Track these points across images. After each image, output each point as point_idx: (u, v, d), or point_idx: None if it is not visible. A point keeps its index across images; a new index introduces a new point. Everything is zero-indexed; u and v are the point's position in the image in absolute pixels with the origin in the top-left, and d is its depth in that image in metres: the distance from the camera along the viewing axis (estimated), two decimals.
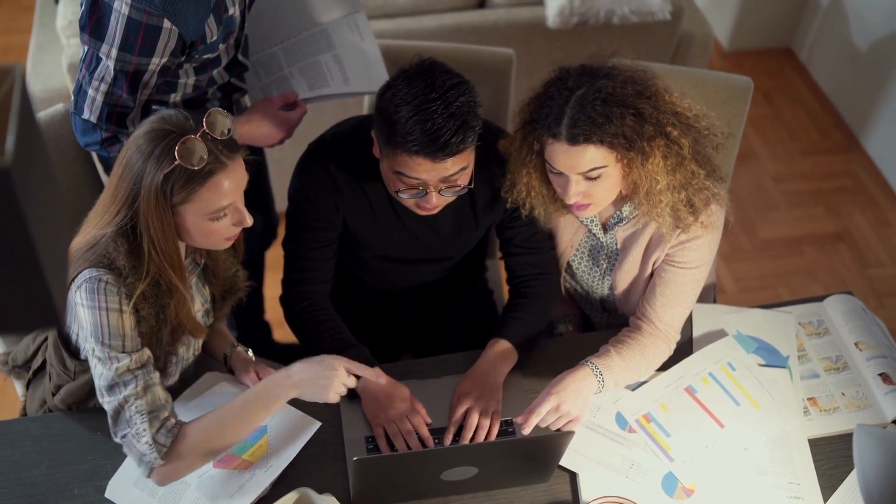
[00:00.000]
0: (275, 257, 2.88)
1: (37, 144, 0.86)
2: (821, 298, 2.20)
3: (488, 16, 3.06)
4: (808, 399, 1.99)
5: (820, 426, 1.94)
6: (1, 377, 2.07)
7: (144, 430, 1.65)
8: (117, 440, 1.69)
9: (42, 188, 0.87)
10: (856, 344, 2.07)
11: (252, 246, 2.74)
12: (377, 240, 2.09)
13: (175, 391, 1.93)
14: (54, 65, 2.97)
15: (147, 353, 1.71)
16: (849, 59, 4.08)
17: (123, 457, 1.82)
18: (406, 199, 1.86)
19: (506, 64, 2.45)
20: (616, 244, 2.05)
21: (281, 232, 2.74)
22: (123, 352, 1.67)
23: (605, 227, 2.05)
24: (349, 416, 1.93)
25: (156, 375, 1.71)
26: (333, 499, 1.75)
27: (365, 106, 2.50)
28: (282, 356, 2.31)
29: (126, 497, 1.78)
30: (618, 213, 2.01)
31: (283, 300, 2.09)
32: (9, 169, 0.77)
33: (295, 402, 1.91)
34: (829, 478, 1.86)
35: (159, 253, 1.68)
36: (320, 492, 1.74)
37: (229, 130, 1.65)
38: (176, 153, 1.58)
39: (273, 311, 3.12)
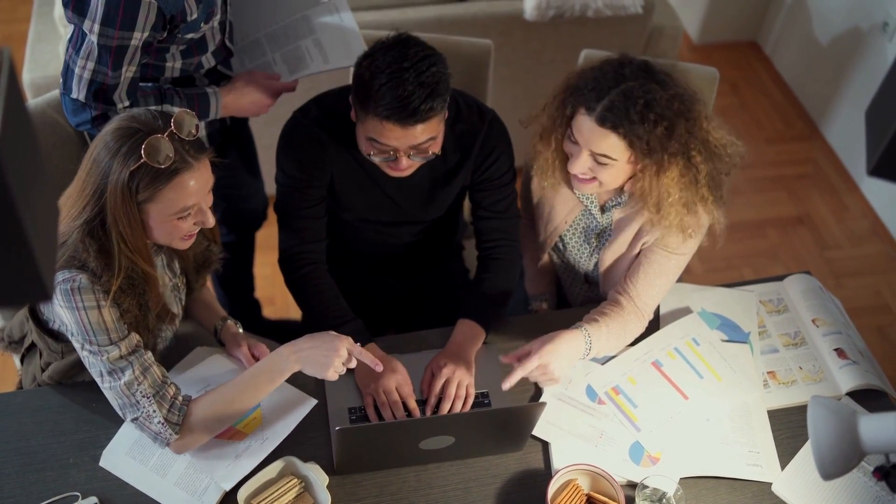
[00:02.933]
0: (264, 237, 2.87)
1: (24, 124, 0.85)
2: (781, 278, 2.20)
3: (468, 8, 3.04)
4: (768, 372, 2.00)
5: (778, 398, 1.95)
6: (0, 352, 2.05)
7: (154, 411, 1.66)
8: (127, 422, 1.70)
9: (29, 166, 0.85)
10: (813, 321, 2.08)
11: (242, 227, 2.74)
12: (360, 199, 2.09)
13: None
14: (52, 53, 2.94)
15: (135, 337, 1.69)
16: (811, 53, 4.09)
17: (117, 428, 1.82)
18: (378, 161, 1.89)
19: (484, 54, 2.44)
20: (611, 225, 2.05)
21: (271, 214, 2.74)
22: (111, 343, 1.65)
23: (603, 209, 2.04)
24: (333, 389, 1.93)
25: (149, 356, 1.70)
26: (318, 467, 1.75)
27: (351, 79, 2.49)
28: (271, 333, 2.31)
29: (119, 465, 1.77)
30: (617, 197, 2.01)
31: (283, 263, 2.08)
32: None
33: (288, 380, 1.91)
34: (787, 446, 1.87)
35: (129, 248, 1.64)
36: (305, 460, 1.75)
37: (197, 129, 1.62)
38: (142, 151, 1.54)
39: (262, 289, 3.11)
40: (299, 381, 1.92)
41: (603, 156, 1.82)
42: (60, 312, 1.65)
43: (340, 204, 2.10)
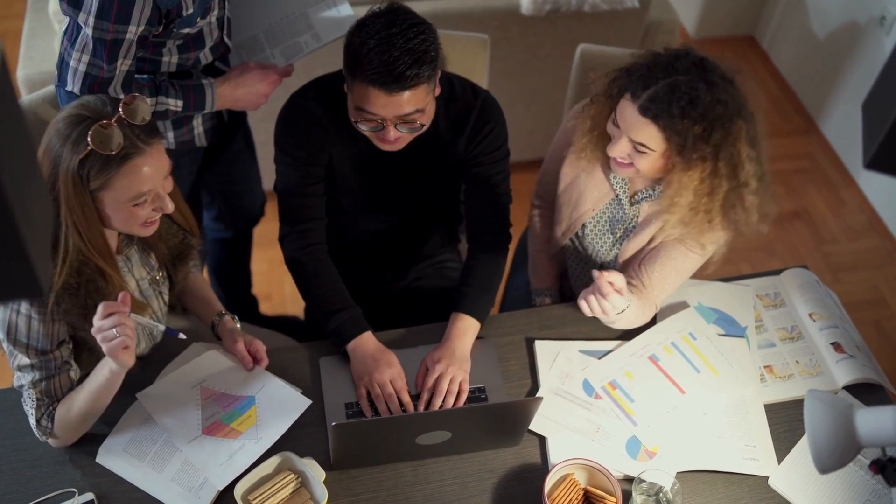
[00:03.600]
0: (260, 233, 2.87)
1: (16, 120, 0.84)
2: (778, 272, 2.20)
3: (465, 3, 3.03)
4: (765, 367, 2.00)
5: (775, 392, 1.95)
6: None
7: (32, 413, 1.72)
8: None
9: (22, 163, 0.85)
10: (810, 315, 2.08)
11: (239, 223, 2.74)
12: (357, 181, 2.09)
13: (156, 363, 1.93)
14: (47, 49, 2.93)
15: (58, 354, 1.71)
16: (808, 48, 4.09)
17: (114, 424, 1.81)
18: (366, 131, 1.89)
19: (481, 49, 2.43)
20: (637, 218, 2.05)
21: (268, 210, 2.73)
22: (26, 350, 1.67)
23: (633, 200, 2.04)
24: (329, 384, 1.93)
25: (62, 367, 1.72)
26: (315, 462, 1.75)
27: None
28: (268, 328, 2.31)
29: (116, 462, 1.77)
30: (648, 189, 2.00)
31: (283, 241, 2.08)
32: None
33: (285, 377, 1.91)
34: (783, 440, 1.87)
35: (84, 240, 1.63)
36: (302, 456, 1.74)
37: (150, 116, 1.61)
38: (89, 138, 1.53)
39: (259, 285, 3.11)
40: (296, 378, 1.92)
41: (641, 144, 1.81)
42: None
43: (338, 187, 2.10)
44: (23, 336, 1.66)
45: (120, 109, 1.57)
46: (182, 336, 1.79)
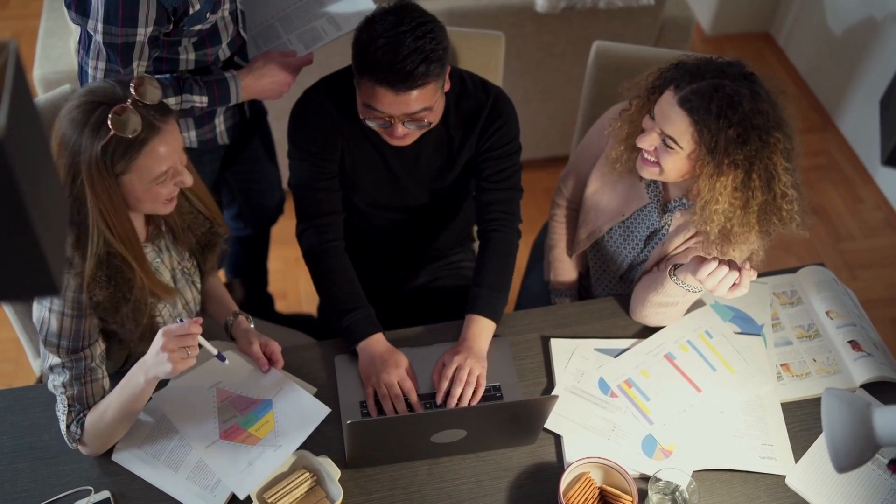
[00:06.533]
0: (277, 231, 2.88)
1: (31, 118, 0.85)
2: (794, 270, 2.19)
3: (480, 0, 3.03)
4: (782, 365, 1.99)
5: (792, 391, 1.94)
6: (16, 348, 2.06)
7: (63, 418, 1.72)
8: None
9: (37, 160, 0.85)
10: (827, 313, 2.07)
11: (259, 221, 2.74)
12: (369, 180, 2.09)
13: None
14: (63, 48, 2.94)
15: (91, 352, 1.71)
16: (824, 44, 4.06)
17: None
18: (374, 127, 1.89)
19: (496, 46, 2.42)
20: (668, 227, 2.03)
21: (286, 208, 2.74)
22: (57, 349, 1.68)
23: (665, 208, 2.02)
24: (345, 382, 1.93)
25: (94, 373, 1.72)
26: (330, 461, 1.75)
27: None
28: (282, 326, 2.31)
29: (132, 460, 1.77)
30: (682, 198, 1.99)
31: (301, 236, 2.08)
32: (1, 141, 0.76)
33: (301, 376, 1.91)
34: (801, 439, 1.86)
35: (109, 227, 1.64)
36: (317, 454, 1.75)
37: (160, 95, 1.61)
38: (110, 123, 1.54)
39: (274, 283, 3.11)
40: (311, 376, 1.92)
41: (671, 139, 1.80)
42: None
43: (351, 185, 2.10)
44: (54, 335, 1.67)
45: (132, 91, 1.57)
46: (227, 362, 1.82)
